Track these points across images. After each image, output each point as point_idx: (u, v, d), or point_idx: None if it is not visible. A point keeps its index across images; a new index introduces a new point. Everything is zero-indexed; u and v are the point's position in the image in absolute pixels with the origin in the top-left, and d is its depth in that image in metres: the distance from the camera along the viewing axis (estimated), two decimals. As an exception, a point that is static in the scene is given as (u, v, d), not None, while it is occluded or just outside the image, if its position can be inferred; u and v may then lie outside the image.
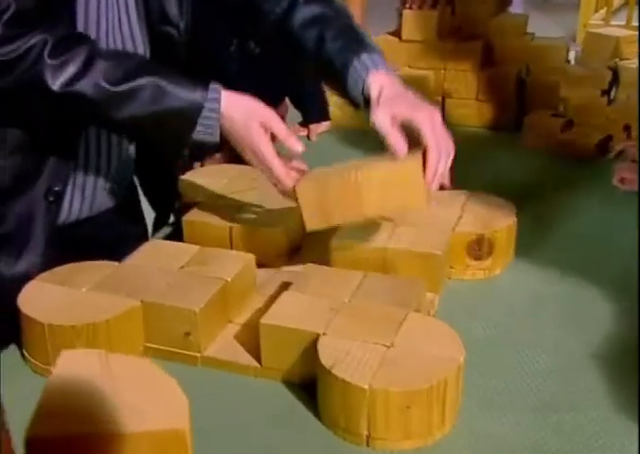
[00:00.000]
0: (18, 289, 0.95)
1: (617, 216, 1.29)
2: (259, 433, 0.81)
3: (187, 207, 1.22)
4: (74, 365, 0.65)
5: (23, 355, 0.94)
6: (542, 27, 4.66)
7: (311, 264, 1.06)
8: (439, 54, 1.75)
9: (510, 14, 1.82)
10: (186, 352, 0.93)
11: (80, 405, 0.59)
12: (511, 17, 1.80)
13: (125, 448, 0.56)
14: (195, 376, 0.89)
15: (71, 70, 0.95)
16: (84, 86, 0.96)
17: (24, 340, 0.93)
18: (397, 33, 1.79)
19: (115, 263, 1.02)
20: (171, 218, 1.34)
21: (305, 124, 1.78)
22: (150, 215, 1.37)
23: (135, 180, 1.32)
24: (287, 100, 1.78)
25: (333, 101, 1.79)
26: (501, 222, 1.12)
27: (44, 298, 0.93)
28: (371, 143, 1.72)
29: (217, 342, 0.95)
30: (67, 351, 0.67)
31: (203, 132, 1.00)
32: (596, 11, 5.58)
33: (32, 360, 0.92)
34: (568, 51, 1.76)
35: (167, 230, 1.33)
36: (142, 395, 0.61)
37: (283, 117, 1.78)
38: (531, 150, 1.58)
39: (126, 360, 0.69)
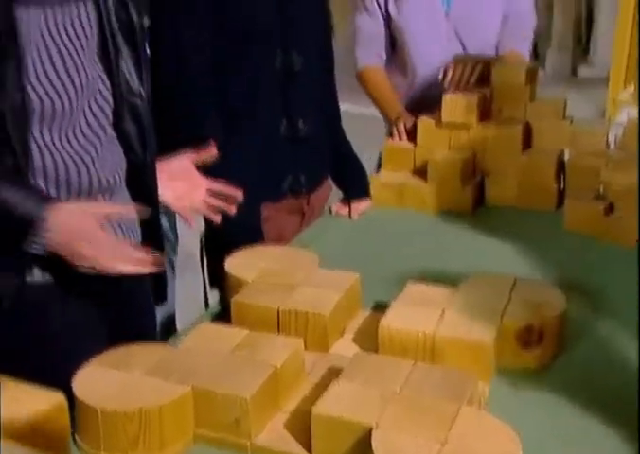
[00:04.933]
0: None
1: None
2: None
3: (235, 287, 1.22)
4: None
5: (74, 437, 0.93)
6: (571, 102, 4.69)
7: (360, 351, 1.05)
8: (480, 137, 1.76)
9: (549, 98, 1.84)
10: (236, 439, 0.92)
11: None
12: (550, 101, 1.81)
13: None
14: (246, 466, 0.88)
15: None
16: None
17: (76, 423, 0.93)
18: (437, 116, 1.80)
19: (168, 346, 1.02)
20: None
21: (347, 202, 1.79)
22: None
23: None
24: (329, 178, 1.80)
25: (374, 179, 1.80)
26: (551, 310, 1.10)
27: (97, 382, 0.93)
28: (411, 221, 1.74)
29: (267, 430, 0.93)
30: None
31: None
32: (625, 87, 5.60)
33: (83, 445, 0.91)
34: (608, 135, 1.76)
35: (215, 307, 1.34)
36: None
37: (326, 196, 1.79)
38: (574, 233, 1.57)
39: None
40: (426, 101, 1.90)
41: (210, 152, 1.32)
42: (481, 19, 2.00)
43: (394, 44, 2.08)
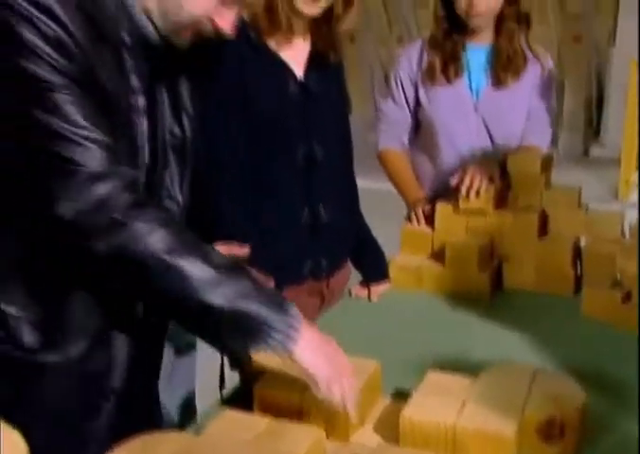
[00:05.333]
0: None
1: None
2: None
3: (257, 372, 1.23)
4: None
5: None
6: (583, 182, 4.75)
7: (381, 440, 1.05)
8: (497, 223, 1.79)
9: (564, 186, 1.87)
10: None
11: None
12: (565, 189, 1.85)
13: None
14: None
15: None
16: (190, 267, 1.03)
17: None
18: (454, 202, 1.84)
19: (189, 435, 1.03)
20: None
21: (366, 284, 1.81)
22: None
23: None
24: (349, 261, 1.83)
25: (392, 262, 1.83)
26: (571, 403, 1.10)
27: None
28: (429, 304, 1.75)
29: None
30: None
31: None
32: (637, 168, 5.66)
33: None
34: (622, 223, 1.79)
35: (234, 389, 1.34)
36: None
37: (346, 278, 1.82)
38: (592, 319, 1.58)
39: None
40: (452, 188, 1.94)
41: (242, 251, 1.37)
42: (508, 113, 2.05)
43: (417, 129, 2.14)
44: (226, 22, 1.13)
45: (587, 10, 6.71)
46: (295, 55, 1.60)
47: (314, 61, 1.62)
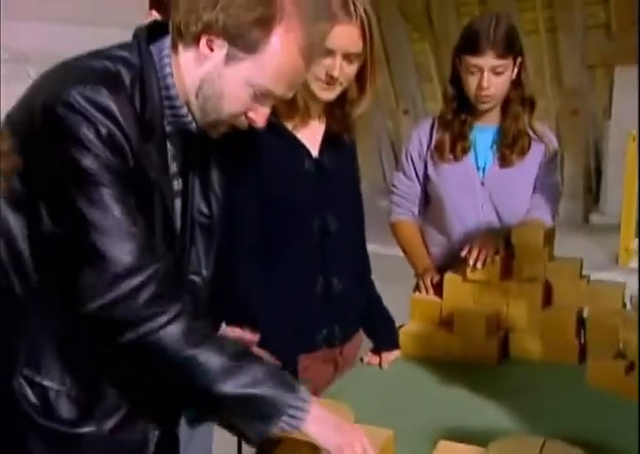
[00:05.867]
0: None
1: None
2: None
3: (274, 443, 1.22)
4: None
5: None
6: (583, 249, 4.75)
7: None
8: (502, 293, 1.80)
9: (566, 258, 1.88)
10: None
11: None
12: (567, 261, 1.86)
13: None
14: None
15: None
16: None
17: None
18: (462, 272, 1.85)
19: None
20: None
21: (377, 352, 1.80)
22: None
23: None
24: (360, 329, 1.83)
25: (402, 330, 1.83)
26: (579, 476, 1.08)
27: None
28: (439, 371, 1.73)
29: None
30: None
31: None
32: (637, 236, 5.66)
33: None
34: (624, 295, 1.79)
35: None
36: None
37: (358, 345, 1.82)
38: (597, 389, 1.57)
39: None
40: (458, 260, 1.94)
41: (253, 337, 1.39)
42: (513, 190, 2.07)
43: (427, 202, 2.17)
44: (260, 116, 1.17)
45: (583, 86, 6.85)
46: (311, 135, 1.64)
47: (329, 140, 1.66)
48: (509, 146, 2.04)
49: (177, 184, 1.22)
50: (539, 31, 6.63)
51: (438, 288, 1.90)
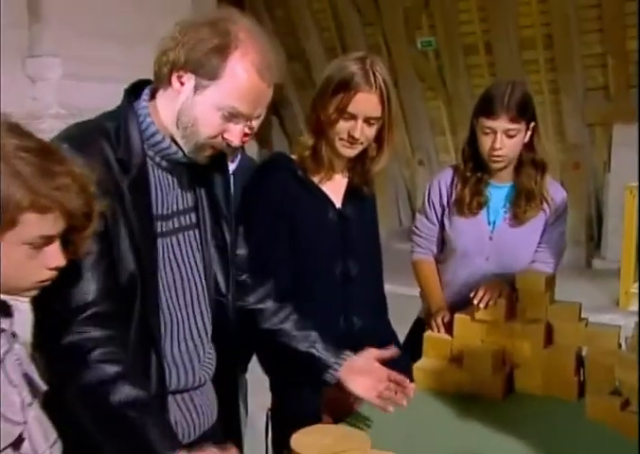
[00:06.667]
0: None
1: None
2: None
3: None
4: None
5: None
6: (586, 292, 4.69)
7: None
8: (507, 333, 1.82)
9: (566, 302, 1.90)
10: None
11: None
12: (567, 305, 1.88)
13: None
14: None
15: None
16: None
17: None
18: (471, 313, 1.89)
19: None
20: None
21: (392, 386, 1.82)
22: None
23: None
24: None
25: (416, 366, 1.85)
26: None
27: None
28: (449, 404, 1.75)
29: None
30: None
31: None
32: (635, 281, 5.63)
33: None
34: (619, 337, 1.81)
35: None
36: None
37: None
38: (594, 423, 1.58)
39: None
40: (463, 300, 1.97)
41: (391, 353, 1.52)
42: (519, 247, 2.08)
43: (443, 245, 2.18)
44: (234, 136, 1.22)
45: (584, 142, 6.91)
46: (335, 188, 1.71)
47: (351, 193, 1.72)
48: (521, 205, 2.04)
49: (193, 218, 1.28)
50: (543, 92, 6.73)
51: (449, 328, 1.94)
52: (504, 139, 1.95)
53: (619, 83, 6.46)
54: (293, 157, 1.70)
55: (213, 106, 1.18)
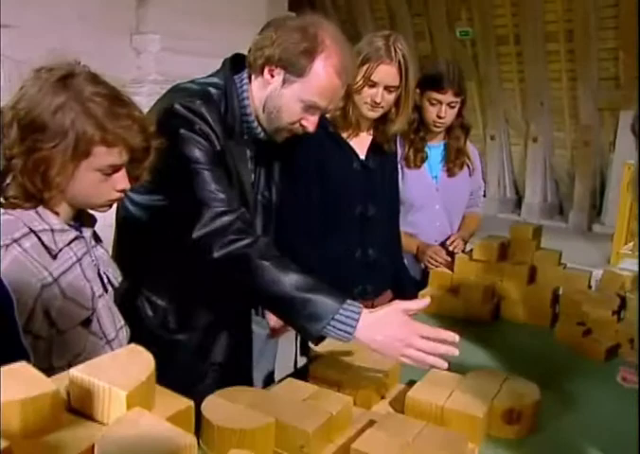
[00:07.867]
0: None
1: (619, 406, 1.25)
2: None
3: (316, 358, 1.29)
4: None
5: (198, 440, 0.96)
6: (585, 251, 4.54)
7: (392, 411, 1.10)
8: (498, 271, 1.82)
9: (549, 250, 1.88)
10: (300, 460, 0.97)
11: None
12: (549, 252, 1.85)
13: None
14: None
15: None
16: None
17: (200, 431, 0.97)
18: (469, 254, 1.89)
19: (264, 391, 1.11)
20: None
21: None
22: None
23: None
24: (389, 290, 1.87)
25: (421, 294, 1.86)
26: (528, 399, 1.12)
27: (217, 408, 1.00)
28: (446, 324, 1.75)
29: (321, 456, 0.99)
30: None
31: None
32: (626, 243, 5.44)
33: (203, 446, 0.97)
34: (590, 280, 1.78)
35: (302, 369, 1.39)
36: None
37: (386, 302, 1.85)
38: (561, 346, 1.58)
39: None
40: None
41: (423, 304, 1.22)
42: (457, 194, 2.14)
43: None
44: (310, 123, 1.24)
45: (594, 124, 6.62)
46: (360, 144, 1.71)
47: (373, 148, 1.72)
48: (453, 160, 2.07)
49: (252, 176, 1.31)
50: (561, 79, 6.47)
51: (452, 264, 1.94)
52: (447, 109, 1.96)
53: (628, 75, 6.12)
54: (327, 116, 1.70)
55: (297, 98, 1.19)
